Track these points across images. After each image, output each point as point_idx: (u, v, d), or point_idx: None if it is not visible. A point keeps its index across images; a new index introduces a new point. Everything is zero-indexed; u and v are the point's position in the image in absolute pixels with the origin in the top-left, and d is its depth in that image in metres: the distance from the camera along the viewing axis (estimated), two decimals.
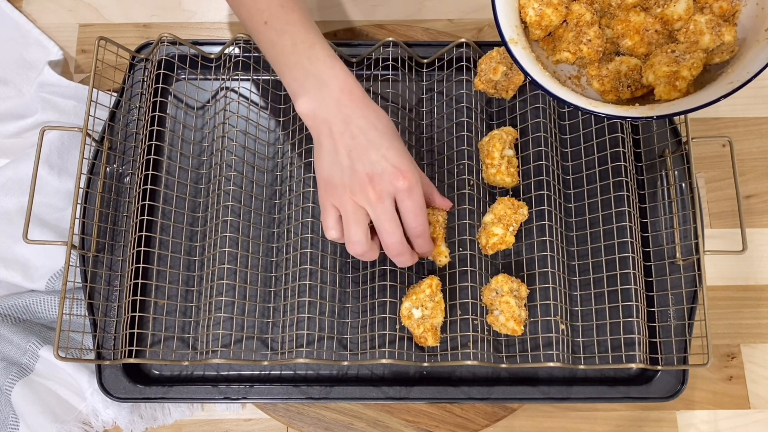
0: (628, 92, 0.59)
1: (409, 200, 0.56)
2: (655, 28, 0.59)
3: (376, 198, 0.55)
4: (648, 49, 0.59)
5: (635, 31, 0.59)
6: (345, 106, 0.56)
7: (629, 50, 0.60)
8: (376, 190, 0.55)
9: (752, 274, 0.72)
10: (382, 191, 0.55)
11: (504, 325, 0.62)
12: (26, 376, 0.67)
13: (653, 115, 0.54)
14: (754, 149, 0.76)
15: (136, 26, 0.80)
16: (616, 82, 0.59)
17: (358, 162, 0.55)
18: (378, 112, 0.57)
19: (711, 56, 0.57)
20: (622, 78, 0.59)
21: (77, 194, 0.64)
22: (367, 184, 0.55)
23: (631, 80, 0.59)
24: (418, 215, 0.57)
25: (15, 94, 0.76)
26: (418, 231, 0.58)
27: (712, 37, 0.56)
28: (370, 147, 0.55)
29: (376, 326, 0.65)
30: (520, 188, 0.68)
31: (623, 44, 0.60)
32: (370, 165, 0.55)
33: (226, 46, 0.69)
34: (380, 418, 0.66)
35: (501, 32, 0.58)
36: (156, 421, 0.68)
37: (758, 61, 0.53)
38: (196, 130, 0.71)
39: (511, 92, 0.68)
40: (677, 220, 0.66)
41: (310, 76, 0.56)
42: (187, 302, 0.66)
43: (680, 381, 0.63)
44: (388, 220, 0.56)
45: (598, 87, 0.59)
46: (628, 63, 0.59)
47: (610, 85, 0.59)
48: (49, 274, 0.69)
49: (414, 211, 0.56)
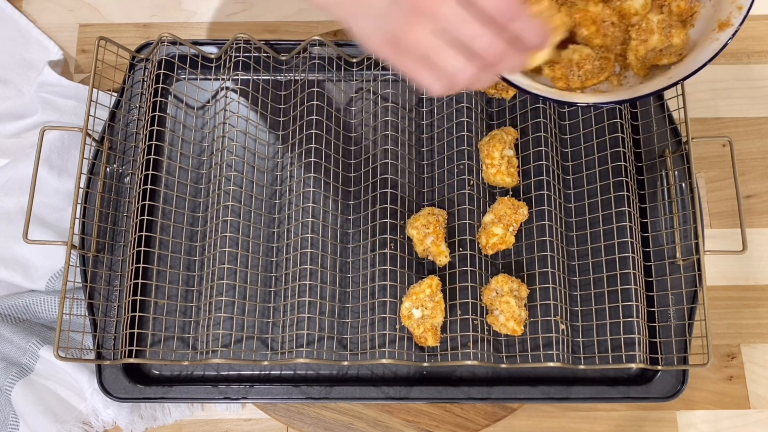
0: (578, 81, 0.59)
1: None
2: (612, 20, 0.59)
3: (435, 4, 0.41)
4: (603, 41, 0.59)
5: (592, 21, 0.59)
6: None
7: (585, 40, 0.60)
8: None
9: (752, 274, 0.72)
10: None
11: (504, 325, 0.62)
12: (26, 376, 0.67)
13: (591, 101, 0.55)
14: (754, 149, 0.76)
15: (136, 26, 0.80)
16: (567, 70, 0.59)
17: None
18: None
19: (659, 56, 0.57)
20: (573, 67, 0.59)
21: (77, 194, 0.64)
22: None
23: (583, 70, 0.59)
24: None
25: (15, 94, 0.76)
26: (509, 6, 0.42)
27: (661, 37, 0.56)
28: None
29: (376, 326, 0.65)
30: (520, 188, 0.68)
31: (580, 33, 0.60)
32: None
33: (226, 46, 0.69)
34: (380, 418, 0.66)
35: None
36: (156, 421, 0.68)
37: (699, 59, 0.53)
38: (196, 130, 0.71)
39: (511, 92, 0.68)
40: (677, 220, 0.66)
41: None
42: (187, 302, 0.66)
43: (680, 381, 0.63)
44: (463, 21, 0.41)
45: (549, 73, 0.59)
46: (581, 52, 0.59)
47: (560, 73, 0.59)
48: (49, 274, 0.69)
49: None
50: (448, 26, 0.42)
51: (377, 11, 0.44)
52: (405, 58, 0.45)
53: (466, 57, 0.43)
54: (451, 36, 0.42)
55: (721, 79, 0.78)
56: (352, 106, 0.72)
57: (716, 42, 0.54)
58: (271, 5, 0.81)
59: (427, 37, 0.42)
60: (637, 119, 0.69)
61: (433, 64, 0.44)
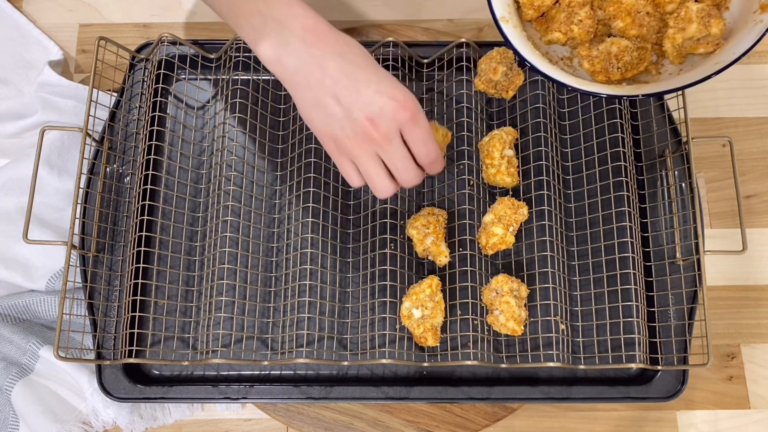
0: (618, 73, 0.59)
1: (416, 129, 0.52)
2: (646, 10, 0.59)
3: (384, 140, 0.51)
4: (639, 32, 0.60)
5: (627, 12, 0.59)
6: (314, 47, 0.51)
7: (620, 32, 0.60)
8: (380, 132, 0.51)
9: (752, 274, 0.72)
10: (388, 131, 0.51)
11: (504, 325, 0.62)
12: (26, 376, 0.67)
13: (640, 93, 0.55)
14: (754, 149, 0.76)
15: (136, 26, 0.80)
16: (606, 63, 0.59)
17: (353, 107, 0.51)
18: (350, 43, 0.52)
19: (696, 45, 0.58)
20: (612, 59, 0.59)
21: (77, 194, 0.64)
22: (371, 128, 0.51)
23: (622, 62, 0.59)
24: (427, 141, 0.53)
25: (15, 94, 0.76)
26: (431, 157, 0.54)
27: (699, 26, 0.57)
28: (358, 86, 0.51)
29: (376, 326, 0.65)
30: (520, 188, 0.68)
31: (615, 26, 0.60)
32: (366, 106, 0.51)
33: (226, 46, 0.69)
34: (380, 418, 0.66)
35: (492, 10, 0.58)
36: (156, 421, 0.68)
37: (743, 43, 0.53)
38: (196, 130, 0.71)
39: (511, 92, 0.68)
40: (677, 220, 0.66)
41: (268, 20, 0.51)
42: (187, 302, 0.66)
43: (680, 381, 0.63)
44: (401, 158, 0.53)
45: (589, 67, 0.60)
46: (618, 44, 0.59)
47: (600, 66, 0.59)
48: (49, 274, 0.69)
49: (423, 139, 0.53)
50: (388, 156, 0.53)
51: (332, 114, 0.52)
52: (341, 156, 0.54)
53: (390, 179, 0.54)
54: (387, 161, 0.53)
55: (721, 79, 0.78)
56: None
57: (761, 24, 0.54)
58: None
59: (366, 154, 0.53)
60: (637, 119, 0.69)
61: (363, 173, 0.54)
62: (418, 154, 0.54)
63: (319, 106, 0.52)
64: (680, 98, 0.66)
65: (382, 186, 0.54)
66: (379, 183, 0.54)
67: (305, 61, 0.51)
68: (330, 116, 0.52)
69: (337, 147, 0.53)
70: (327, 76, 0.51)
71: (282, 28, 0.51)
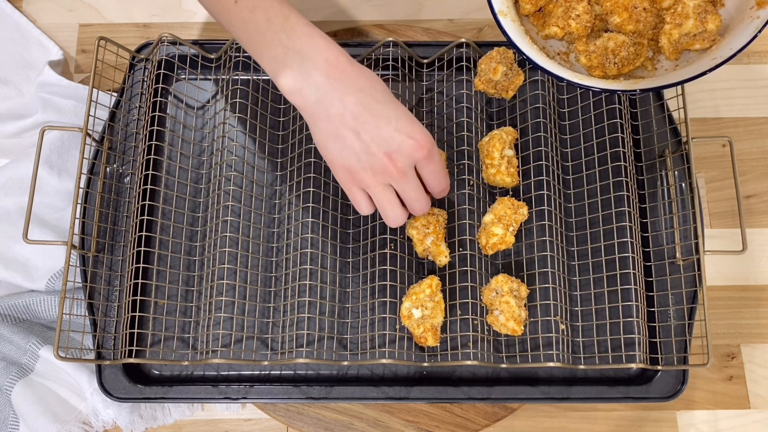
0: (614, 68, 0.59)
1: (430, 165, 0.55)
2: (643, 5, 0.59)
3: (400, 174, 0.54)
4: (636, 27, 0.60)
5: (624, 8, 0.59)
6: (336, 81, 0.53)
7: (617, 27, 0.60)
8: (397, 168, 0.54)
9: (752, 274, 0.72)
10: (404, 166, 0.54)
11: (504, 325, 0.62)
12: (26, 376, 0.67)
13: (637, 88, 0.55)
14: (754, 149, 0.76)
15: (136, 26, 0.80)
16: (603, 58, 0.59)
17: (372, 143, 0.53)
18: (371, 78, 0.54)
19: (692, 41, 0.58)
20: (609, 54, 0.59)
21: (77, 194, 0.64)
22: (388, 163, 0.53)
23: (619, 57, 0.59)
24: (439, 175, 0.57)
25: (15, 94, 0.76)
26: (442, 187, 0.58)
27: (696, 22, 0.57)
28: (378, 122, 0.53)
29: (376, 326, 0.65)
30: (520, 188, 0.68)
31: (612, 21, 0.60)
32: (384, 142, 0.53)
33: (226, 46, 0.69)
34: (380, 418, 0.66)
35: (491, 4, 0.59)
36: (156, 421, 0.68)
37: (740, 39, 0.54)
38: (196, 130, 0.71)
39: (511, 92, 0.68)
40: (677, 220, 0.66)
41: (290, 52, 0.53)
42: (187, 302, 0.66)
43: (680, 381, 0.63)
44: (414, 190, 0.56)
45: (585, 62, 0.60)
46: (615, 39, 0.59)
47: (597, 61, 0.59)
48: (49, 274, 0.69)
49: (436, 173, 0.56)
50: (402, 188, 0.55)
51: (350, 146, 0.53)
52: (353, 186, 0.56)
53: (402, 209, 0.57)
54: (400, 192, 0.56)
55: (721, 79, 0.78)
56: None
57: (757, 20, 0.54)
58: None
59: (380, 185, 0.55)
60: (637, 119, 0.69)
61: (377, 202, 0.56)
62: (430, 185, 0.58)
63: (338, 138, 0.53)
64: (680, 98, 0.66)
65: (394, 215, 0.57)
66: (392, 212, 0.56)
67: (326, 93, 0.52)
68: (347, 148, 0.54)
69: (352, 178, 0.56)
70: (347, 111, 0.53)
71: (304, 61, 0.53)
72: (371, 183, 0.55)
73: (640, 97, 0.70)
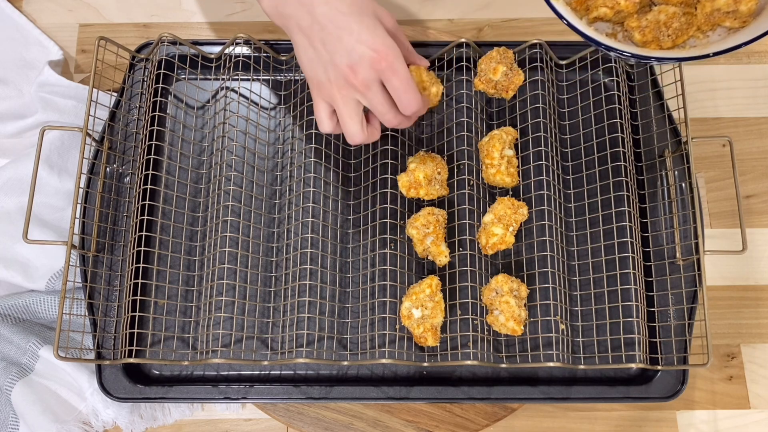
0: (669, 41, 0.59)
1: (394, 78, 0.54)
2: None
3: (363, 87, 0.54)
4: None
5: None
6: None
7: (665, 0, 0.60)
8: (359, 80, 0.54)
9: (752, 274, 0.72)
10: (366, 79, 0.54)
11: (504, 325, 0.62)
12: (26, 376, 0.67)
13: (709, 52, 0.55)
14: (754, 149, 0.76)
15: (136, 26, 0.80)
16: (656, 31, 0.59)
17: (336, 54, 0.54)
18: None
19: (723, 18, 0.57)
20: (662, 27, 0.59)
21: (77, 194, 0.64)
22: (350, 75, 0.54)
23: (671, 29, 0.59)
24: (407, 90, 0.55)
25: (15, 94, 0.76)
26: (412, 106, 0.56)
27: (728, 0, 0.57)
28: (341, 34, 0.53)
29: (376, 326, 0.65)
30: (520, 188, 0.68)
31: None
32: (347, 54, 0.54)
33: (226, 46, 0.69)
34: (380, 418, 0.66)
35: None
36: (156, 421, 0.68)
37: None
38: (196, 130, 0.71)
39: (511, 92, 0.68)
40: (677, 220, 0.66)
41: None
42: (187, 302, 0.66)
43: (680, 381, 0.63)
44: (380, 103, 0.56)
45: (640, 38, 0.59)
46: (666, 12, 0.59)
47: (651, 36, 0.59)
48: (49, 274, 0.69)
49: (402, 88, 0.55)
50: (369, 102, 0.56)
51: (318, 58, 0.55)
52: (319, 97, 0.57)
53: (360, 125, 0.57)
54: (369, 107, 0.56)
55: (721, 79, 0.78)
56: None
57: None
58: None
59: (344, 99, 0.56)
60: (637, 119, 0.69)
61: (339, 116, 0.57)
62: (399, 103, 0.56)
63: (309, 49, 0.56)
64: (680, 98, 0.66)
65: (353, 130, 0.57)
66: (352, 127, 0.57)
67: (297, 8, 0.55)
68: (315, 60, 0.55)
69: (319, 88, 0.57)
70: (315, 22, 0.54)
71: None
72: (336, 96, 0.56)
73: (640, 97, 0.70)
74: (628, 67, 0.71)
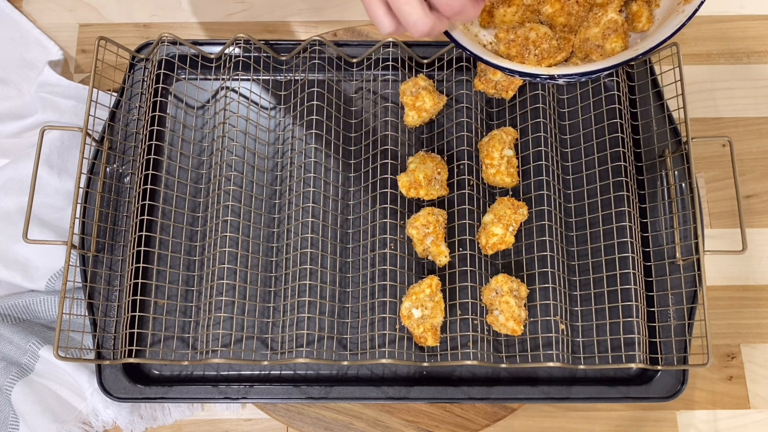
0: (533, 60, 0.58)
1: None
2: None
3: None
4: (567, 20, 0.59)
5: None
6: None
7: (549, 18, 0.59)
8: None
9: (752, 274, 0.72)
10: None
11: (504, 325, 0.62)
12: (26, 376, 0.67)
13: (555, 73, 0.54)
14: (754, 149, 0.76)
15: (136, 26, 0.80)
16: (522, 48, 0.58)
17: None
18: None
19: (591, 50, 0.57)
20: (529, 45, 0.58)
21: (77, 194, 0.64)
22: None
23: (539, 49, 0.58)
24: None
25: (15, 94, 0.77)
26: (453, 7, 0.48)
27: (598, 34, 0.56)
28: None
29: (376, 326, 0.65)
30: (520, 188, 0.68)
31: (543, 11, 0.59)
32: None
33: (226, 46, 0.69)
34: (380, 418, 0.66)
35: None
36: (156, 421, 0.68)
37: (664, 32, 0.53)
38: (196, 130, 0.71)
39: (511, 92, 0.68)
40: (677, 220, 0.66)
41: None
42: (187, 302, 0.66)
43: (680, 381, 0.63)
44: None
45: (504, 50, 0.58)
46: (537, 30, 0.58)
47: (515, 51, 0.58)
48: (49, 274, 0.69)
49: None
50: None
51: None
52: None
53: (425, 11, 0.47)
54: None
55: (721, 79, 0.78)
56: (352, 106, 0.72)
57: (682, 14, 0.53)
58: (271, 5, 0.81)
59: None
60: (637, 119, 0.69)
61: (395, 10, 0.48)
62: None
63: None
64: (680, 98, 0.66)
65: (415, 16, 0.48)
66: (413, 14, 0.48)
67: None
68: None
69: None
70: None
71: None
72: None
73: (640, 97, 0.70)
74: (629, 68, 0.71)
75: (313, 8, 0.81)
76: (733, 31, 0.80)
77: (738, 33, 0.80)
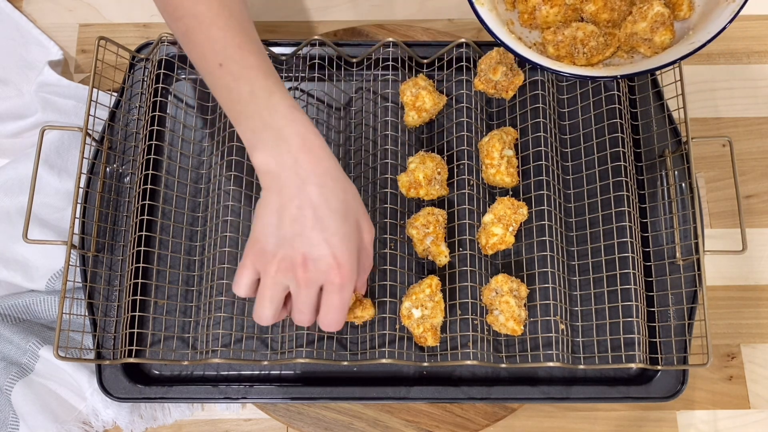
0: (583, 58, 0.58)
1: (336, 296, 0.51)
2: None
3: (304, 283, 0.51)
4: (611, 16, 0.59)
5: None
6: (302, 168, 0.51)
7: (592, 16, 0.59)
8: (306, 275, 0.50)
9: (752, 274, 0.72)
10: (311, 278, 0.51)
11: (504, 324, 0.62)
12: (26, 376, 0.67)
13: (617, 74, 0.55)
14: (754, 149, 0.76)
15: (136, 26, 0.80)
16: (571, 47, 0.59)
17: (298, 238, 0.50)
18: (337, 180, 0.52)
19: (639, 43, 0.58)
20: (577, 44, 0.58)
21: (77, 194, 0.64)
22: (300, 265, 0.50)
23: (587, 47, 0.58)
24: (339, 312, 0.52)
25: (15, 94, 0.77)
26: (332, 326, 0.53)
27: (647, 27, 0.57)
28: (315, 225, 0.50)
29: (376, 326, 0.65)
30: (520, 188, 0.68)
31: (587, 9, 0.59)
32: (309, 246, 0.50)
33: None
34: (380, 418, 0.66)
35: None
36: (156, 421, 0.68)
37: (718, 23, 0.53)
38: (196, 130, 0.71)
39: (511, 92, 0.68)
40: (677, 220, 0.66)
41: (268, 129, 0.51)
42: (187, 302, 0.66)
43: (680, 381, 0.63)
44: (308, 305, 0.52)
45: (553, 52, 0.59)
46: (584, 29, 0.58)
47: (565, 51, 0.59)
48: (49, 274, 0.69)
49: (337, 308, 0.52)
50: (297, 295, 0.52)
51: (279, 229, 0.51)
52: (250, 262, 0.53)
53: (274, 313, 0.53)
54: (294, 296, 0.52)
55: (721, 79, 0.78)
56: (352, 106, 0.72)
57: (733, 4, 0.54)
58: (271, 5, 0.81)
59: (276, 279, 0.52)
60: (637, 119, 0.69)
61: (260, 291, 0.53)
62: (323, 315, 0.53)
63: (274, 216, 0.51)
64: (680, 98, 0.66)
65: (266, 314, 0.53)
66: (266, 310, 0.53)
67: (289, 175, 0.51)
68: (275, 229, 0.51)
69: (259, 252, 0.52)
70: (297, 198, 0.51)
71: (280, 141, 0.51)
72: (270, 273, 0.51)
73: (640, 97, 0.70)
74: None
75: (313, 8, 0.81)
76: (732, 31, 0.80)
77: (738, 33, 0.80)
